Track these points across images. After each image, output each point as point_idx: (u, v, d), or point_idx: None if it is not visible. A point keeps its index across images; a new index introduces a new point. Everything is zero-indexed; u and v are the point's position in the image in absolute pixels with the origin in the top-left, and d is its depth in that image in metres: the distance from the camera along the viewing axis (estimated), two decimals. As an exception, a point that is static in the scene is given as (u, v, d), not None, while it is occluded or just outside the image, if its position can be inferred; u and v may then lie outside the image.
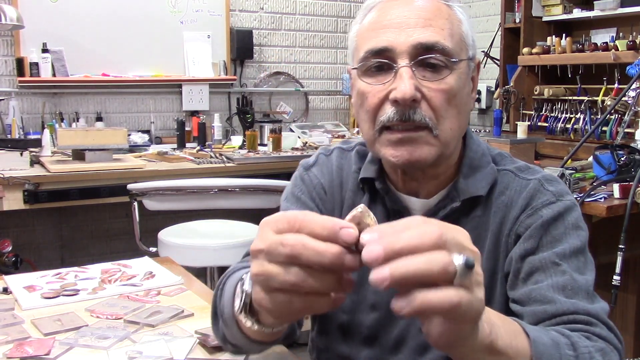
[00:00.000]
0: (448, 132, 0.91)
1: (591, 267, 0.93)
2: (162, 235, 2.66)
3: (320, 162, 1.10)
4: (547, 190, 0.95)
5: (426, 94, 0.89)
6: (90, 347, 1.07)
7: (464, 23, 0.94)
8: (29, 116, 3.52)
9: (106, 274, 1.47)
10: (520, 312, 0.88)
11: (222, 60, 3.99)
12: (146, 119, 3.83)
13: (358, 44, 0.96)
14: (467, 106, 0.95)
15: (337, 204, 1.07)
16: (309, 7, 4.34)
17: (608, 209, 2.11)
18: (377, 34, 0.91)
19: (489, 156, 1.01)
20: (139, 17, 3.73)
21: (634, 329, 2.38)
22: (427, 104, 0.89)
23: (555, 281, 0.88)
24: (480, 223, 0.97)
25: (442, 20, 0.91)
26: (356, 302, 1.01)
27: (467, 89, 0.95)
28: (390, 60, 0.89)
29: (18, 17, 3.09)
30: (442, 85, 0.89)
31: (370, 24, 0.94)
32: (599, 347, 0.80)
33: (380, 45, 0.90)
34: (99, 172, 2.81)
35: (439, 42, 0.89)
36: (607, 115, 2.73)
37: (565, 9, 3.39)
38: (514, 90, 3.50)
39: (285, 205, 1.08)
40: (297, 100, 4.38)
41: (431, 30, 0.89)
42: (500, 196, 0.97)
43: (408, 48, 0.88)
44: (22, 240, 3.46)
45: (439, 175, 0.98)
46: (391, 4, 0.93)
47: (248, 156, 3.21)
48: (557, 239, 0.91)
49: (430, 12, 0.91)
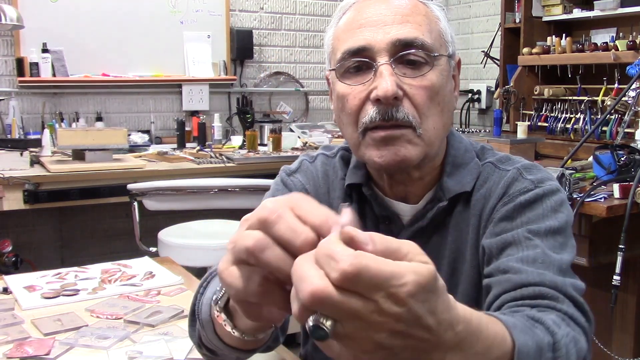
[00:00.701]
0: (432, 130, 0.89)
1: (570, 250, 0.88)
2: (162, 235, 2.67)
3: (304, 169, 1.07)
4: (526, 179, 0.93)
5: (408, 91, 0.87)
6: (90, 347, 1.07)
7: (442, 20, 0.93)
8: (29, 116, 3.52)
9: (106, 274, 1.47)
10: (488, 284, 0.85)
11: (222, 60, 3.99)
12: (146, 119, 3.83)
13: (335, 46, 0.94)
14: (450, 104, 0.93)
15: None
16: (309, 7, 4.34)
17: (608, 209, 2.11)
18: (354, 34, 0.89)
19: (472, 152, 1.00)
20: (139, 17, 3.73)
21: (634, 329, 2.37)
22: (409, 102, 0.87)
23: (526, 255, 0.84)
24: (462, 218, 0.96)
25: (420, 17, 0.90)
26: None
27: (450, 87, 0.93)
28: (369, 59, 0.88)
29: (18, 17, 3.09)
30: (423, 81, 0.87)
31: (346, 24, 0.92)
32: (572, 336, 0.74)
33: (357, 44, 0.88)
34: (99, 172, 2.81)
35: (417, 37, 0.87)
36: (607, 115, 2.73)
37: (565, 9, 3.38)
38: (514, 90, 3.50)
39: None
40: (297, 100, 4.38)
41: (409, 26, 0.88)
42: (479, 189, 0.96)
43: (387, 45, 0.86)
44: (22, 240, 3.46)
45: (425, 176, 0.96)
46: (366, 4, 0.92)
47: (248, 156, 3.21)
48: (533, 220, 0.88)
49: (407, 9, 0.90)
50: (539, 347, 0.67)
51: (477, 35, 4.28)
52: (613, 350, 2.29)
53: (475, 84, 4.29)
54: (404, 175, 0.95)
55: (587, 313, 0.80)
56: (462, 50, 4.45)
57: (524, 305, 0.78)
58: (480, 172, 0.97)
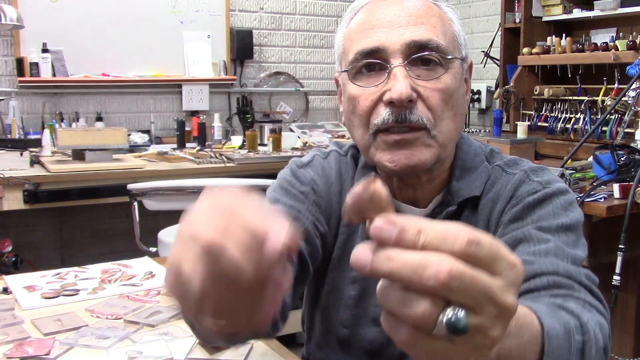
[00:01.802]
0: (445, 133, 0.88)
1: (582, 248, 0.85)
2: (162, 235, 2.67)
3: (316, 164, 1.03)
4: (533, 181, 0.92)
5: (422, 93, 0.85)
6: (90, 347, 1.07)
7: (455, 22, 0.92)
8: (29, 116, 3.52)
9: (106, 274, 1.47)
10: None
11: (222, 60, 3.99)
12: (146, 119, 3.83)
13: (346, 47, 0.92)
14: (462, 108, 0.92)
15: (335, 213, 0.99)
16: (309, 7, 4.34)
17: (608, 209, 2.11)
18: (367, 35, 0.88)
19: (482, 155, 0.98)
20: (139, 17, 3.73)
21: (634, 329, 2.38)
22: (423, 104, 0.86)
23: (538, 248, 0.81)
24: (469, 222, 0.94)
25: (434, 19, 0.88)
26: (357, 316, 0.98)
27: (462, 90, 0.92)
28: (383, 60, 0.86)
29: (18, 17, 3.09)
30: (438, 84, 0.86)
31: (358, 25, 0.91)
32: (596, 320, 0.72)
33: (371, 45, 0.87)
34: (99, 172, 2.81)
35: (432, 39, 0.86)
36: (607, 115, 2.73)
37: (565, 9, 3.39)
38: (514, 90, 3.50)
39: (273, 196, 0.97)
40: (297, 100, 4.38)
41: (424, 28, 0.86)
42: (487, 193, 0.95)
43: (401, 47, 0.85)
44: (22, 240, 3.46)
45: (433, 180, 0.95)
46: (379, 4, 0.90)
47: (248, 156, 3.21)
48: (543, 218, 0.86)
49: (421, 11, 0.88)
50: (567, 329, 0.66)
51: (477, 35, 4.28)
52: (613, 350, 2.29)
53: (475, 84, 4.29)
54: (413, 178, 0.93)
55: (604, 302, 0.78)
56: (462, 50, 4.45)
57: (540, 297, 0.76)
58: (489, 176, 0.96)
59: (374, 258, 0.42)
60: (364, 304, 0.98)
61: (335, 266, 1.01)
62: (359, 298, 0.98)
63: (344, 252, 0.99)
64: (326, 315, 1.02)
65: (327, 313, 1.02)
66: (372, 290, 0.97)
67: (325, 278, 1.02)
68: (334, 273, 1.01)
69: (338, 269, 1.01)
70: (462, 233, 0.41)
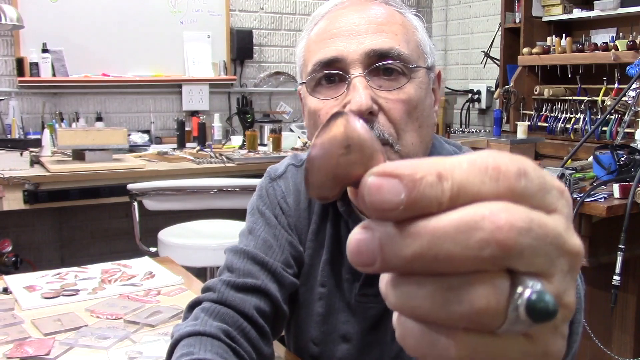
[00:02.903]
0: (409, 147, 0.83)
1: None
2: (162, 235, 2.66)
3: (289, 175, 1.00)
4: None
5: (384, 105, 0.81)
6: (90, 347, 1.07)
7: (420, 30, 0.88)
8: (29, 116, 3.52)
9: (106, 274, 1.47)
10: None
11: (222, 60, 3.99)
12: (146, 119, 3.83)
13: (306, 58, 0.88)
14: (429, 119, 0.87)
15: (304, 228, 0.97)
16: (309, 7, 4.34)
17: (608, 209, 2.11)
18: (326, 44, 0.84)
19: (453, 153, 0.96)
20: (139, 17, 3.73)
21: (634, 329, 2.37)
22: (385, 117, 0.81)
23: None
24: None
25: (396, 26, 0.84)
26: (326, 332, 0.96)
27: (429, 101, 0.87)
28: (342, 70, 0.82)
29: (18, 17, 3.09)
30: (400, 95, 0.81)
31: (317, 35, 0.87)
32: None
33: (329, 55, 0.82)
34: (99, 172, 2.81)
35: (393, 47, 0.81)
36: (607, 115, 2.73)
37: (565, 9, 3.39)
38: (514, 90, 3.50)
39: (252, 220, 0.99)
40: (297, 100, 4.38)
41: (384, 36, 0.82)
42: None
43: (360, 56, 0.81)
44: (22, 240, 3.46)
45: None
46: (340, 13, 0.86)
47: (248, 156, 3.21)
48: None
49: (382, 18, 0.84)
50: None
51: (477, 35, 4.28)
52: (613, 350, 2.29)
53: (475, 84, 4.29)
54: None
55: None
56: (462, 50, 4.45)
57: None
58: None
59: (383, 241, 0.27)
60: (332, 321, 0.96)
61: (303, 282, 0.98)
62: (326, 315, 0.96)
63: (311, 267, 0.97)
64: (298, 331, 1.01)
65: (299, 329, 1.01)
66: (338, 306, 0.95)
67: (298, 294, 0.99)
68: (303, 289, 0.98)
69: (306, 285, 0.98)
70: (503, 162, 0.27)
